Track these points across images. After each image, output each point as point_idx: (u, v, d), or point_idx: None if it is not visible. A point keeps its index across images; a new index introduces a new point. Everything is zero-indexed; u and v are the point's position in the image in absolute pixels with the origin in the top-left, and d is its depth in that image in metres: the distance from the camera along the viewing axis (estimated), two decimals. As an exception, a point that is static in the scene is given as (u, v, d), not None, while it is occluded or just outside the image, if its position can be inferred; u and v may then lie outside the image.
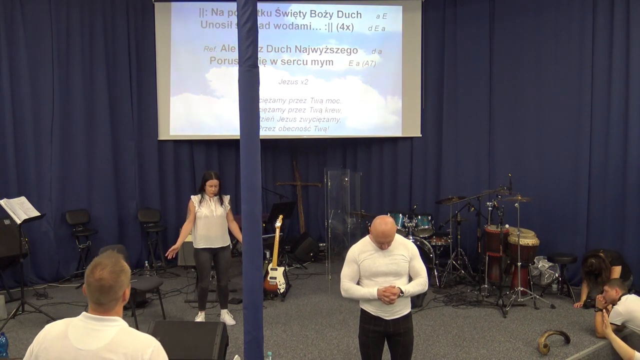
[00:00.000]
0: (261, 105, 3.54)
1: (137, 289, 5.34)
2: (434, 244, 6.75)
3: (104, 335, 1.82)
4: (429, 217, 6.96)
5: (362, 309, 3.33)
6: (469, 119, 7.58)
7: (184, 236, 5.17)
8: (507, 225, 6.26)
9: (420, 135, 7.97)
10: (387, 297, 3.11)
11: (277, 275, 6.18)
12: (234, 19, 5.76)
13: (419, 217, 6.87)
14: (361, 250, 3.26)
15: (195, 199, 5.17)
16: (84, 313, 1.88)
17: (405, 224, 6.68)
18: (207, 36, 7.77)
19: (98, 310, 1.85)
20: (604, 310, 4.69)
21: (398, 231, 5.95)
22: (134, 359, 1.79)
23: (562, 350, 4.63)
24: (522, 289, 5.92)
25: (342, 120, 8.03)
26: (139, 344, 1.83)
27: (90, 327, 1.83)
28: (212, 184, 5.13)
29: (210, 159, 8.27)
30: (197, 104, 7.84)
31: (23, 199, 5.80)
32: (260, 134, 3.38)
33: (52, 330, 1.87)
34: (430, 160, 7.95)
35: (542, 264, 6.58)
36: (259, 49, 3.29)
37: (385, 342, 3.34)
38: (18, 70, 6.69)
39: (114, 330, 1.84)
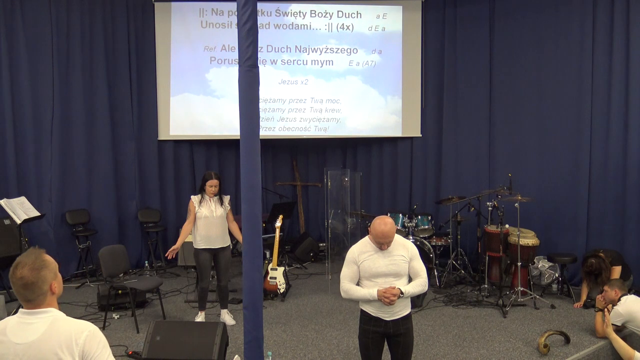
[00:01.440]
0: (261, 105, 3.54)
1: (137, 289, 5.34)
2: (434, 244, 6.75)
3: (38, 327, 1.88)
4: (429, 217, 6.96)
5: (362, 309, 3.33)
6: (469, 119, 7.58)
7: (184, 236, 5.17)
8: (507, 225, 6.26)
9: (420, 135, 7.97)
10: (387, 298, 3.11)
11: (277, 275, 6.17)
12: (234, 19, 5.75)
13: (419, 217, 6.86)
14: (361, 251, 3.26)
15: (195, 199, 5.17)
16: (20, 309, 1.94)
17: (405, 224, 6.68)
18: (207, 36, 7.77)
19: (29, 306, 1.91)
20: (606, 310, 4.69)
21: (398, 231, 5.96)
22: (68, 344, 1.85)
23: (562, 350, 4.63)
24: (522, 289, 5.92)
25: (342, 120, 8.03)
26: (72, 329, 1.88)
27: (24, 322, 1.89)
28: (212, 184, 5.13)
29: (210, 159, 8.27)
30: (197, 104, 7.84)
31: (23, 199, 5.80)
32: (260, 134, 3.38)
33: None
34: (430, 160, 7.95)
35: (542, 264, 6.58)
36: (259, 49, 3.29)
37: (385, 343, 3.34)
38: (18, 70, 6.69)
39: (48, 321, 1.89)
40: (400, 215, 6.83)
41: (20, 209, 5.58)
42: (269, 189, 8.68)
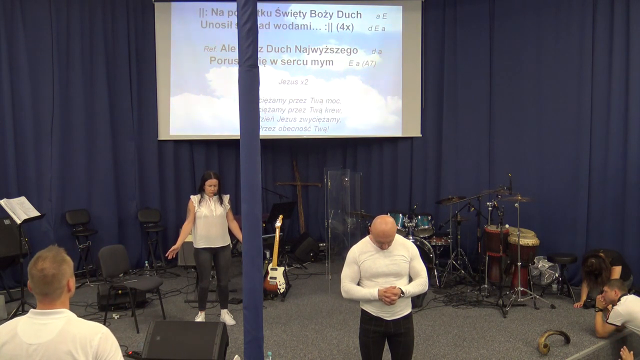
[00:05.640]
0: (261, 105, 3.54)
1: (137, 289, 5.34)
2: (434, 244, 6.75)
3: (52, 328, 1.87)
4: (429, 217, 6.96)
5: (362, 309, 3.33)
6: (469, 119, 7.58)
7: (184, 236, 5.17)
8: (507, 225, 6.26)
9: (420, 135, 7.97)
10: (387, 298, 3.11)
11: (277, 275, 6.17)
12: (234, 19, 5.76)
13: (419, 217, 6.86)
14: (361, 251, 3.26)
15: (194, 198, 5.17)
16: (31, 310, 1.93)
17: (405, 224, 6.68)
18: (207, 36, 7.77)
19: (44, 302, 1.90)
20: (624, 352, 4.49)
21: (398, 231, 5.94)
22: (82, 346, 1.85)
23: (562, 350, 4.63)
24: (522, 289, 5.92)
25: (342, 120, 8.03)
26: (86, 331, 1.89)
27: (38, 322, 1.89)
28: (211, 184, 5.13)
29: (210, 159, 8.27)
30: (197, 104, 7.84)
31: (23, 199, 5.80)
32: (260, 134, 3.38)
33: (2, 331, 1.92)
34: (430, 160, 7.95)
35: (542, 264, 6.58)
36: (259, 49, 3.29)
37: (386, 343, 3.34)
38: (18, 70, 6.69)
39: (62, 321, 1.89)
40: (400, 215, 6.83)
41: (20, 209, 5.58)
42: (269, 189, 8.68)
